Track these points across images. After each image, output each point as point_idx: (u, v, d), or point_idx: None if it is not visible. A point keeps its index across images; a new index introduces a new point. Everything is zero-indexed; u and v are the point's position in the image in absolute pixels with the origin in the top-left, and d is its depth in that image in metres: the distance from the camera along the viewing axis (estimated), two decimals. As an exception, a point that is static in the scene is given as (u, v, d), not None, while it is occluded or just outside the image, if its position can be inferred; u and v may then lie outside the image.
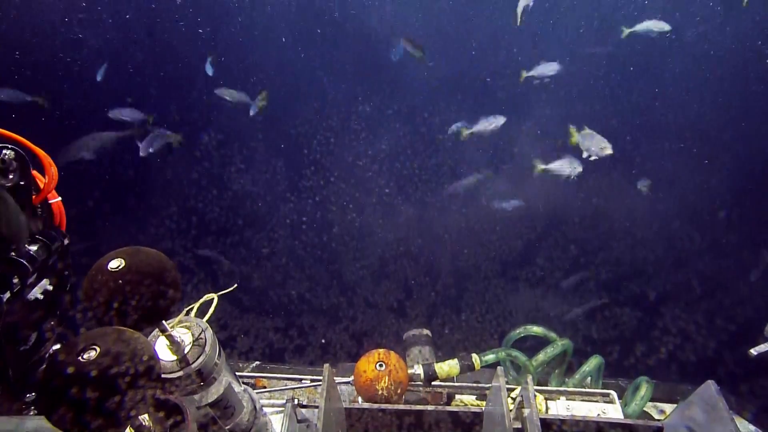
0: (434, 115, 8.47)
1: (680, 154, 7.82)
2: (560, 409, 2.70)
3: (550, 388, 2.99)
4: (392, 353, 2.40)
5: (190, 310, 1.47)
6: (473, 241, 7.81)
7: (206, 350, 1.35)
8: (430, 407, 2.00)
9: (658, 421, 2.87)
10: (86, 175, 7.27)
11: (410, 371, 2.47)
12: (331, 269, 7.87)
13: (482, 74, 8.53)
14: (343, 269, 7.80)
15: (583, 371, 3.29)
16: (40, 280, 1.66)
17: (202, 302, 1.50)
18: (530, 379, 1.94)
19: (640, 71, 7.72)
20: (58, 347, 1.38)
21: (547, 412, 2.66)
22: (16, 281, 1.50)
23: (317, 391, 2.88)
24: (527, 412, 1.84)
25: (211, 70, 7.13)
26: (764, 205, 7.15)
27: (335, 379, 2.00)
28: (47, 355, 1.72)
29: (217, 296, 1.52)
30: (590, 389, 2.98)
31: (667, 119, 8.10)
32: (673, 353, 5.73)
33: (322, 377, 1.81)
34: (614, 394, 2.83)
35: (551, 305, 7.12)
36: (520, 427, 1.90)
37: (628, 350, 5.62)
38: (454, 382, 2.84)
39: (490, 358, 3.09)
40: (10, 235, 1.37)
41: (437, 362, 2.62)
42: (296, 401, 2.06)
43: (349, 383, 2.40)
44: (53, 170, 1.68)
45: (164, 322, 1.28)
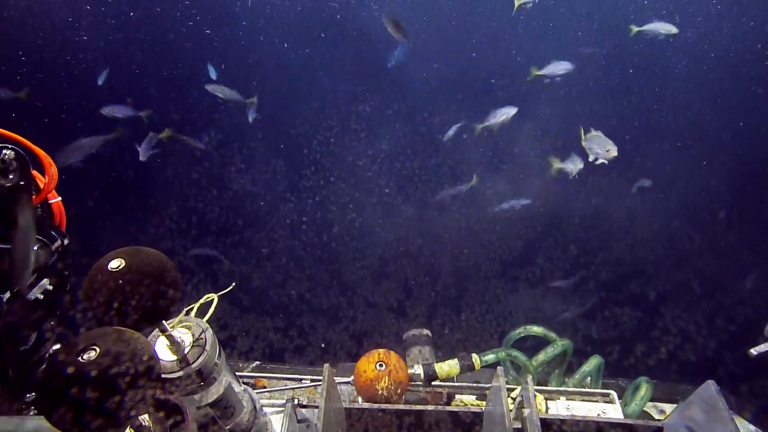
0: (434, 115, 8.47)
1: (680, 154, 7.81)
2: (560, 409, 2.70)
3: (550, 388, 2.99)
4: (392, 353, 2.40)
5: (190, 310, 1.47)
6: (473, 241, 7.81)
7: (206, 350, 1.35)
8: (430, 407, 2.00)
9: (658, 421, 2.87)
10: (86, 175, 7.27)
11: (410, 371, 2.47)
12: (331, 269, 7.87)
13: (482, 74, 8.53)
14: (343, 269, 7.80)
15: (582, 371, 3.29)
16: (40, 280, 1.66)
17: (202, 302, 1.50)
18: (530, 379, 1.94)
19: (639, 71, 7.73)
20: (58, 347, 1.38)
21: (547, 412, 2.66)
22: (16, 281, 1.50)
23: (317, 391, 2.88)
24: (527, 412, 1.84)
25: (214, 73, 7.15)
26: (764, 205, 7.15)
27: (335, 379, 2.00)
28: (47, 355, 1.72)
29: (217, 296, 1.52)
30: (590, 389, 2.98)
31: (667, 119, 8.11)
32: (673, 353, 5.73)
33: (322, 377, 1.81)
34: (614, 394, 2.83)
35: (551, 305, 7.12)
36: (520, 427, 1.90)
37: (628, 350, 5.61)
38: (454, 382, 2.84)
39: (490, 358, 3.09)
40: (19, 276, 1.40)
41: (437, 362, 2.62)
42: (296, 401, 2.06)
43: (349, 383, 2.40)
44: (53, 170, 1.68)
45: (164, 322, 1.28)
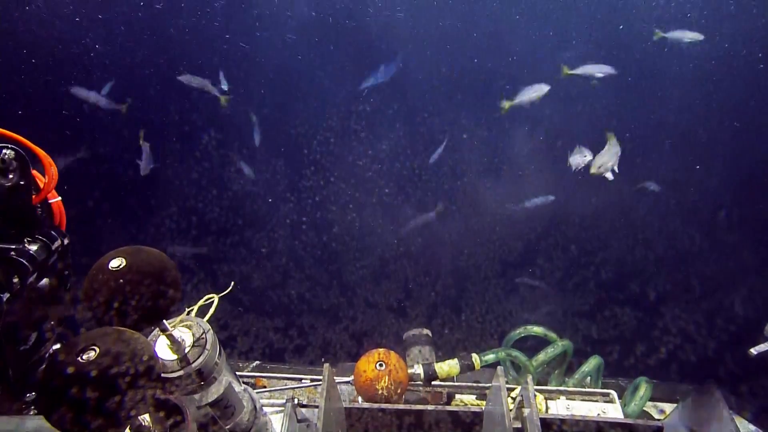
0: (434, 115, 8.46)
1: (680, 153, 7.81)
2: (560, 408, 2.70)
3: (550, 387, 2.99)
4: (392, 353, 2.40)
5: (190, 310, 1.47)
6: (473, 241, 7.81)
7: (207, 350, 1.35)
8: (430, 407, 2.00)
9: (658, 421, 2.88)
10: (86, 175, 7.27)
11: (410, 371, 2.47)
12: (331, 269, 7.87)
13: (482, 74, 8.52)
14: (343, 269, 7.80)
15: (582, 371, 3.29)
16: (40, 279, 1.66)
17: (202, 303, 1.50)
18: (530, 379, 1.94)
19: (640, 71, 7.72)
20: (58, 347, 1.38)
21: (547, 411, 2.66)
22: (16, 281, 1.50)
23: (317, 391, 2.88)
24: (527, 411, 1.84)
25: (225, 84, 7.19)
26: (764, 205, 7.14)
27: (335, 379, 2.00)
28: (47, 355, 1.72)
29: (218, 297, 1.52)
30: (590, 389, 2.98)
31: (667, 119, 8.10)
32: (673, 353, 5.72)
33: (322, 377, 1.81)
34: (614, 393, 2.83)
35: (551, 305, 7.13)
36: (520, 427, 1.90)
37: (628, 350, 5.61)
38: (454, 382, 2.84)
39: (490, 358, 3.09)
40: None
41: (437, 362, 2.62)
42: (296, 401, 2.06)
43: (349, 383, 2.40)
44: (53, 170, 1.68)
45: (165, 321, 1.28)
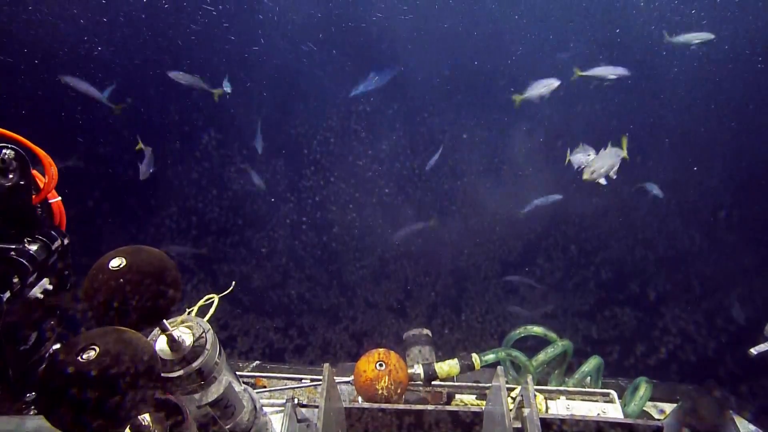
0: (434, 115, 8.47)
1: (680, 153, 7.81)
2: (560, 408, 2.70)
3: (550, 387, 2.99)
4: (392, 353, 2.40)
5: (191, 310, 1.47)
6: (473, 241, 7.81)
7: (207, 349, 1.35)
8: (430, 407, 2.00)
9: (658, 420, 2.88)
10: (86, 175, 7.27)
11: (410, 371, 2.47)
12: (331, 269, 7.87)
13: (482, 75, 8.52)
14: (343, 269, 7.80)
15: (582, 371, 3.29)
16: (40, 279, 1.66)
17: (202, 303, 1.50)
18: (530, 379, 1.94)
19: (640, 72, 7.72)
20: (58, 347, 1.38)
21: (547, 411, 2.66)
22: (16, 281, 1.50)
23: (317, 390, 2.88)
24: (527, 411, 1.84)
25: (229, 87, 7.18)
26: (764, 205, 7.15)
27: (335, 378, 2.00)
28: (47, 355, 1.72)
29: (218, 297, 1.52)
30: (590, 389, 2.98)
31: (667, 119, 8.10)
32: (673, 353, 5.72)
33: (322, 377, 1.81)
34: (614, 393, 2.83)
35: (548, 304, 7.13)
36: (520, 426, 1.90)
37: (628, 350, 5.61)
38: (454, 381, 2.84)
39: (490, 358, 3.08)
40: None
41: (437, 362, 2.62)
42: (296, 401, 2.06)
43: (349, 383, 2.40)
44: (53, 170, 1.68)
45: (165, 321, 1.28)
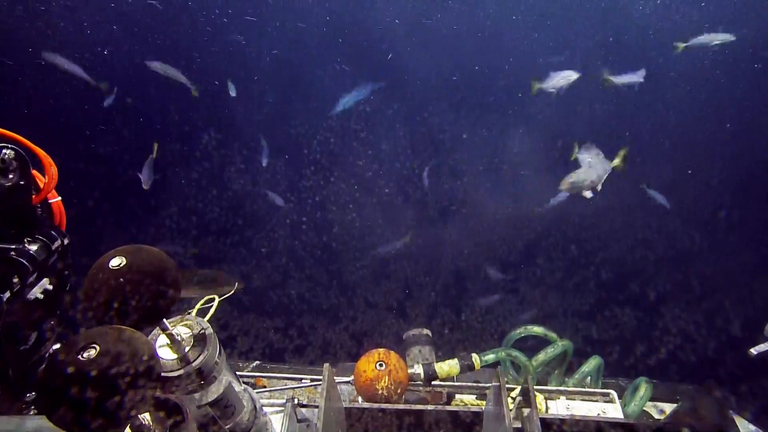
0: (434, 115, 8.47)
1: (680, 153, 7.81)
2: (560, 408, 2.70)
3: (550, 387, 2.99)
4: (392, 353, 2.40)
5: (191, 310, 1.47)
6: (473, 241, 7.81)
7: (207, 349, 1.35)
8: (430, 407, 2.00)
9: (658, 420, 2.88)
10: (86, 175, 7.27)
11: (410, 371, 2.47)
12: (331, 269, 7.87)
13: (483, 75, 8.53)
14: (343, 269, 7.80)
15: (582, 371, 3.28)
16: (40, 279, 1.66)
17: (202, 303, 1.50)
18: (530, 378, 1.94)
19: (639, 71, 7.72)
20: (58, 347, 1.38)
21: (547, 411, 2.66)
22: (16, 281, 1.51)
23: (317, 390, 2.88)
24: (527, 411, 1.84)
25: (233, 90, 7.17)
26: (764, 205, 7.14)
27: (335, 379, 2.00)
28: (47, 354, 1.72)
29: (218, 299, 1.52)
30: (590, 389, 2.98)
31: (667, 119, 8.10)
32: (673, 353, 5.72)
33: (322, 377, 1.81)
34: (614, 393, 2.82)
35: (551, 305, 7.12)
36: (520, 427, 1.90)
37: (628, 350, 5.61)
38: (454, 382, 2.83)
39: (490, 358, 3.08)
40: None
41: (437, 362, 2.61)
42: (296, 401, 2.05)
43: (349, 383, 2.40)
44: (53, 170, 1.69)
45: (165, 320, 1.28)
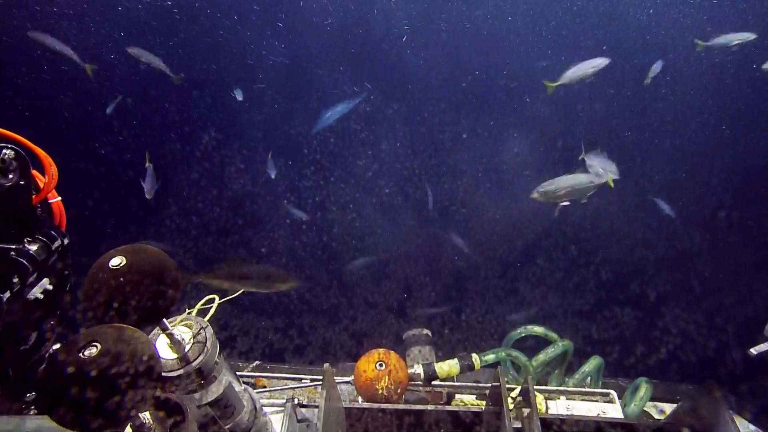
0: (434, 115, 8.47)
1: (680, 153, 7.82)
2: (560, 408, 2.70)
3: (550, 387, 2.98)
4: (392, 353, 2.40)
5: (191, 310, 1.47)
6: (473, 241, 7.81)
7: (207, 349, 1.35)
8: (430, 407, 2.00)
9: (658, 421, 2.87)
10: (86, 175, 7.27)
11: (410, 371, 2.47)
12: (331, 269, 7.87)
13: (482, 74, 8.53)
14: (343, 269, 7.80)
15: (582, 371, 3.28)
16: (40, 279, 1.66)
17: (203, 303, 1.50)
18: (530, 378, 1.94)
19: (639, 72, 7.73)
20: (58, 346, 1.38)
21: (547, 411, 2.66)
22: (16, 281, 1.50)
23: (317, 390, 2.88)
24: (527, 411, 1.84)
25: (240, 95, 7.16)
26: (764, 205, 7.15)
27: (335, 379, 2.00)
28: (47, 354, 1.72)
29: (219, 300, 1.52)
30: (590, 389, 2.98)
31: (667, 119, 8.11)
32: (673, 353, 5.72)
33: (322, 377, 1.81)
34: (614, 393, 2.82)
35: (551, 305, 7.12)
36: (520, 426, 1.90)
37: (628, 350, 5.61)
38: (454, 382, 2.83)
39: (490, 358, 3.08)
40: None
41: (437, 362, 2.61)
42: (296, 401, 2.06)
43: (349, 383, 2.40)
44: (53, 170, 1.68)
45: (165, 320, 1.28)
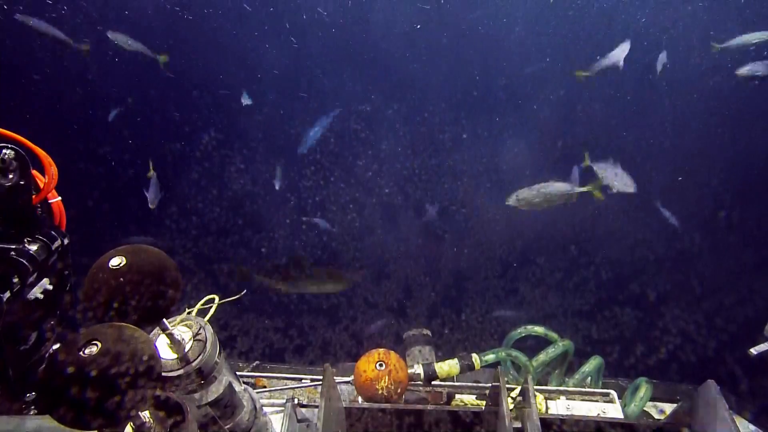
0: (434, 115, 8.47)
1: (680, 153, 7.81)
2: (560, 408, 2.70)
3: (550, 387, 2.98)
4: (392, 353, 2.40)
5: (191, 310, 1.47)
6: (473, 241, 7.81)
7: (207, 349, 1.35)
8: (430, 407, 2.00)
9: (658, 421, 2.88)
10: (86, 175, 7.27)
11: (410, 371, 2.47)
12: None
13: (483, 75, 8.53)
14: (343, 269, 7.80)
15: (583, 371, 3.28)
16: (40, 279, 1.66)
17: (203, 303, 1.50)
18: (530, 378, 1.93)
19: (639, 72, 7.73)
20: (58, 346, 1.38)
21: (547, 411, 2.66)
22: (16, 281, 1.51)
23: (317, 390, 2.88)
24: (527, 411, 1.84)
25: (247, 99, 7.15)
26: (764, 205, 7.14)
27: (335, 379, 2.00)
28: (47, 354, 1.72)
29: (219, 300, 1.52)
30: (590, 389, 2.98)
31: (667, 119, 8.11)
32: (673, 353, 5.72)
33: (322, 377, 1.81)
34: (614, 393, 2.82)
35: (551, 305, 7.12)
36: (520, 427, 1.90)
37: (628, 350, 5.61)
38: (454, 382, 2.83)
39: (490, 358, 3.08)
40: None
41: (437, 362, 2.61)
42: (296, 401, 2.06)
43: (349, 383, 2.40)
44: (53, 170, 1.69)
45: (165, 320, 1.28)
